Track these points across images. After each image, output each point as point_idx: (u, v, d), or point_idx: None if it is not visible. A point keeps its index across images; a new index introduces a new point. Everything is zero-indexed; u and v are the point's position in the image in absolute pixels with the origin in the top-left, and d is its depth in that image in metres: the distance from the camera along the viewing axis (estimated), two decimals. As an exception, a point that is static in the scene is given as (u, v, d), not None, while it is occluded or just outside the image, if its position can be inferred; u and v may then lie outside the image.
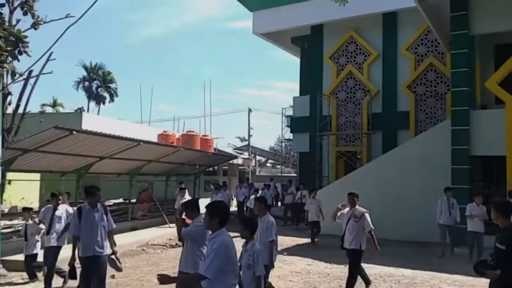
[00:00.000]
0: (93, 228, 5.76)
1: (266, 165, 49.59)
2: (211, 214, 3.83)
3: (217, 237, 3.74)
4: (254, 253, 4.41)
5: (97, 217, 5.84)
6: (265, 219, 6.16)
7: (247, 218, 5.25)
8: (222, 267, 3.58)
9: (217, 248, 3.61)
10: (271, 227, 6.09)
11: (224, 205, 4.09)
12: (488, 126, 11.90)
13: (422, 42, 16.92)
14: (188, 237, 5.26)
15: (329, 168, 18.15)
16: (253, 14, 20.06)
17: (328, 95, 18.52)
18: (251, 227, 4.64)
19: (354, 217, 7.01)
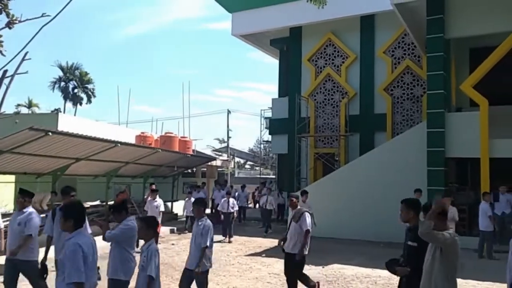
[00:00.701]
0: None
1: (245, 166, 49.59)
2: (64, 216, 3.71)
3: (71, 238, 3.62)
4: (148, 252, 4.31)
5: None
6: (201, 223, 5.74)
7: (147, 217, 5.03)
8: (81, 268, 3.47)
9: (72, 251, 3.50)
10: (207, 232, 5.67)
11: (80, 206, 3.90)
12: (463, 129, 12.16)
13: (399, 45, 17.19)
14: (112, 240, 4.99)
15: (307, 169, 18.25)
16: (232, 16, 20.03)
17: (307, 97, 18.63)
18: (153, 228, 4.57)
19: (294, 218, 6.68)
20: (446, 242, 3.76)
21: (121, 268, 4.85)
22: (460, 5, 12.39)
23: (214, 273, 9.08)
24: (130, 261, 4.93)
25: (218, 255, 10.87)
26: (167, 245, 12.26)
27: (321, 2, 8.89)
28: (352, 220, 12.96)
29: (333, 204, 13.27)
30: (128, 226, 4.94)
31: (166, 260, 10.13)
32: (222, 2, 19.93)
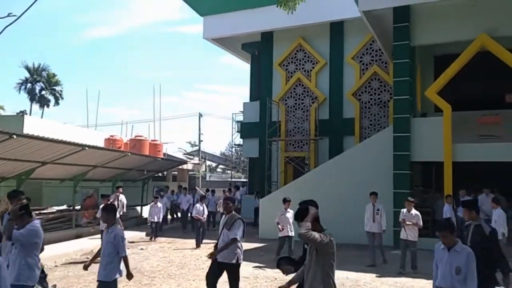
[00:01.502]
0: None
1: (216, 170, 49.47)
2: None
3: None
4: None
5: None
6: (111, 231, 5.24)
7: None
8: None
9: None
10: (118, 242, 5.16)
11: None
12: (427, 133, 12.55)
13: (367, 51, 17.59)
14: (19, 241, 4.58)
15: (278, 173, 18.40)
16: (204, 19, 20.03)
17: (278, 101, 18.81)
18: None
19: (227, 225, 6.08)
20: (322, 243, 3.93)
21: (27, 274, 4.55)
22: (425, 14, 12.81)
23: (183, 277, 9.06)
24: (35, 267, 4.63)
25: (187, 260, 10.84)
26: (136, 250, 12.11)
27: (291, 8, 9.09)
28: (323, 223, 13.12)
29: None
30: (34, 228, 4.63)
31: (134, 265, 10.02)
32: (193, 6, 19.91)
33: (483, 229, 5.18)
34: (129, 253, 11.62)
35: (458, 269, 4.16)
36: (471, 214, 5.40)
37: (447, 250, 4.31)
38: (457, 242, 4.29)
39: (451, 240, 4.28)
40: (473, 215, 5.38)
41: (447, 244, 4.29)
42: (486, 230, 5.16)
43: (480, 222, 5.31)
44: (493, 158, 11.91)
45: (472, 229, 5.29)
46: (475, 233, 5.23)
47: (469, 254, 4.19)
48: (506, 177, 13.29)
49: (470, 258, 4.17)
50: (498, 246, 5.17)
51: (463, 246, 4.30)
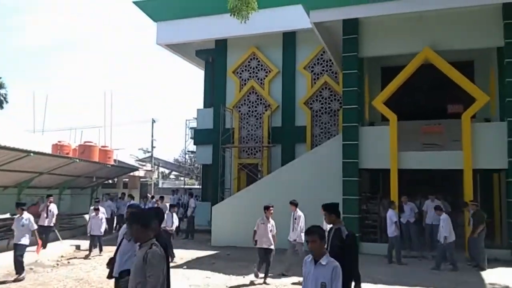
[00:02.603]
0: None
1: (169, 177, 48.82)
2: None
3: None
4: None
5: None
6: None
7: None
8: None
9: None
10: None
11: None
12: (374, 142, 13.01)
13: (318, 61, 18.05)
14: None
15: (231, 179, 18.44)
16: (157, 25, 19.81)
17: (231, 108, 18.89)
18: None
19: (128, 235, 5.22)
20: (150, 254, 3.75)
21: None
22: (373, 27, 13.34)
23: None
24: None
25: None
26: (83, 260, 11.74)
27: (244, 17, 9.20)
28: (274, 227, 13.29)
29: (256, 213, 13.46)
30: None
31: (81, 276, 9.72)
32: (147, 11, 19.66)
33: (342, 233, 5.09)
34: (76, 263, 11.30)
35: (323, 286, 3.84)
36: (331, 217, 5.27)
37: (314, 263, 3.96)
38: (325, 254, 3.98)
39: (320, 247, 3.94)
40: (333, 218, 5.26)
41: (314, 250, 3.93)
42: (343, 234, 5.07)
43: (340, 226, 5.19)
44: (436, 165, 12.54)
45: (332, 233, 5.20)
46: (334, 237, 5.16)
47: (335, 268, 3.87)
48: (450, 184, 14.05)
49: (336, 273, 3.85)
50: (350, 252, 5.04)
51: (329, 259, 3.95)
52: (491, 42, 12.65)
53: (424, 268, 10.70)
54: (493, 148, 11.96)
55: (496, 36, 12.17)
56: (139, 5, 19.38)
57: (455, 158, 12.18)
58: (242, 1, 8.35)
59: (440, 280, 9.42)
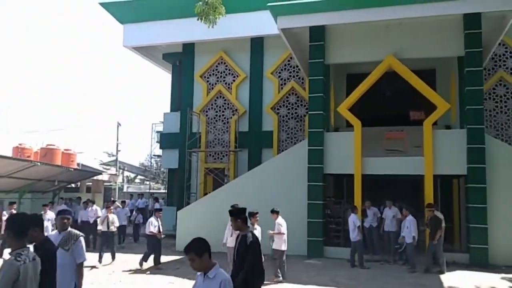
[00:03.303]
0: None
1: (135, 181, 47.97)
2: None
3: None
4: None
5: None
6: None
7: None
8: None
9: None
10: None
11: None
12: (339, 147, 13.18)
13: (285, 67, 18.16)
14: None
15: (197, 184, 18.27)
16: (124, 27, 19.46)
17: (198, 112, 18.74)
18: None
19: (64, 244, 4.86)
20: None
21: None
22: (339, 35, 13.54)
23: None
24: None
25: (99, 275, 10.33)
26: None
27: (211, 22, 9.18)
28: (239, 234, 13.27)
29: (222, 218, 13.37)
30: None
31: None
32: (113, 13, 19.27)
33: (247, 240, 4.99)
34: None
35: None
36: (237, 224, 5.09)
37: (203, 276, 3.59)
38: (213, 266, 3.56)
39: (201, 264, 3.51)
40: (239, 225, 5.10)
41: (196, 269, 3.55)
42: (248, 241, 4.98)
43: (246, 233, 5.03)
44: (398, 171, 12.81)
45: (239, 240, 5.11)
46: (240, 244, 5.07)
47: (223, 281, 3.50)
48: (412, 189, 14.35)
49: (224, 286, 3.50)
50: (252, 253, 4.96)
51: (218, 271, 3.54)
52: (452, 52, 13.08)
53: (385, 272, 10.88)
54: (453, 155, 12.32)
55: (457, 46, 12.58)
56: (106, 7, 18.98)
57: (417, 164, 12.48)
58: (210, 6, 8.33)
59: (401, 284, 9.60)
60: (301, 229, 12.67)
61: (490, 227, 11.65)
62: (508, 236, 11.67)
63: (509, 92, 15.76)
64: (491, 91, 15.81)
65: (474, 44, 12.24)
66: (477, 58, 12.31)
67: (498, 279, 10.11)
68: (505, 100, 15.76)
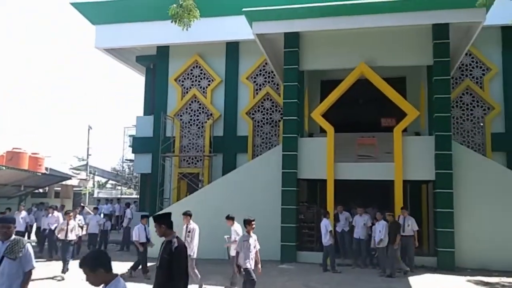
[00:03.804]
0: None
1: (106, 186, 47.11)
2: None
3: None
4: None
5: None
6: None
7: None
8: None
9: None
10: None
11: None
12: (313, 152, 13.36)
13: (260, 72, 18.27)
14: None
15: (171, 189, 18.12)
16: (96, 28, 19.18)
17: (172, 116, 18.62)
18: None
19: (11, 252, 4.68)
20: None
21: None
22: (313, 42, 13.76)
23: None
24: None
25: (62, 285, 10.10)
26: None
27: (186, 24, 9.16)
28: (212, 238, 13.20)
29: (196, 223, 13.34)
30: None
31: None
32: (85, 13, 18.97)
33: (172, 245, 4.81)
34: None
35: None
36: (161, 229, 4.93)
37: None
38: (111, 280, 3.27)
39: (96, 279, 3.24)
40: (163, 230, 4.93)
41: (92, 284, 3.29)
42: (173, 247, 4.80)
43: (171, 238, 4.85)
44: (370, 176, 13.07)
45: (163, 246, 4.93)
46: (164, 250, 4.88)
47: None
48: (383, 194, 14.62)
49: None
50: (177, 263, 4.78)
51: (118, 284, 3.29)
52: (421, 60, 13.49)
53: (357, 276, 11.05)
54: (422, 161, 12.66)
55: (426, 55, 12.98)
56: (77, 7, 18.68)
57: (387, 170, 12.77)
58: (184, 9, 8.32)
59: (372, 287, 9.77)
60: (274, 234, 12.74)
61: (457, 231, 12.02)
62: (473, 240, 12.07)
63: (475, 101, 16.34)
64: (458, 99, 16.36)
65: (442, 53, 12.66)
66: (445, 67, 12.73)
67: (464, 282, 10.44)
68: (471, 108, 16.33)
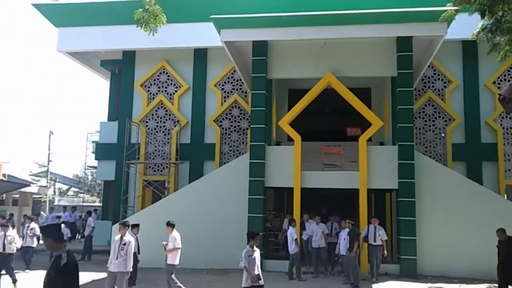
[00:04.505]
0: None
1: (68, 193, 45.73)
2: None
3: None
4: None
5: None
6: None
7: None
8: None
9: None
10: None
11: None
12: (280, 161, 13.39)
13: (228, 80, 18.22)
14: None
15: (135, 197, 17.73)
16: (59, 31, 18.61)
17: (138, 122, 18.28)
18: None
19: None
20: None
21: None
22: (281, 50, 13.84)
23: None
24: None
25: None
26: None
27: (152, 30, 9.02)
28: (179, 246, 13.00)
29: (160, 232, 13.05)
30: None
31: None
32: (48, 15, 18.40)
33: (61, 261, 4.37)
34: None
35: None
36: (47, 243, 4.47)
37: None
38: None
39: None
40: (49, 244, 4.46)
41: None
42: (62, 262, 4.36)
43: (61, 253, 4.40)
44: (335, 185, 13.21)
45: (52, 261, 4.47)
46: (51, 267, 4.41)
47: None
48: (348, 202, 14.80)
49: None
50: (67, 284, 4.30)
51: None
52: (386, 72, 13.80)
53: (322, 283, 11.10)
54: (386, 170, 12.91)
55: (391, 67, 13.30)
56: (39, 8, 18.11)
57: (352, 178, 12.95)
58: (150, 14, 8.19)
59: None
60: (241, 243, 12.61)
61: (419, 239, 12.29)
62: (435, 248, 12.37)
63: (437, 112, 16.85)
64: (421, 110, 16.84)
65: (406, 65, 13.01)
66: (408, 79, 13.08)
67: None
68: (433, 119, 16.84)
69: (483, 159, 16.25)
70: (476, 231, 12.26)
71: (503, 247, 9.33)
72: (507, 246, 9.22)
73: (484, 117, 16.50)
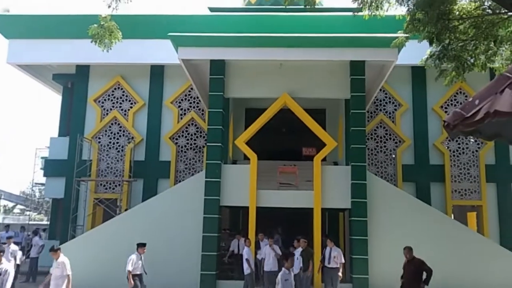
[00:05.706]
0: None
1: (13, 211, 43.48)
2: None
3: None
4: None
5: None
6: None
7: None
8: None
9: None
10: None
11: None
12: (236, 179, 13.30)
13: (185, 97, 18.11)
14: None
15: (85, 216, 17.08)
16: (10, 42, 17.91)
17: (90, 138, 17.74)
18: None
19: None
20: None
21: None
22: (238, 70, 13.91)
23: None
24: None
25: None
26: None
27: (107, 46, 8.88)
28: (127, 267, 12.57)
29: (112, 252, 12.62)
30: None
31: None
32: (-3, 26, 17.71)
33: None
34: None
35: None
36: None
37: None
38: None
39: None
40: None
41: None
42: None
43: None
44: (290, 204, 13.27)
45: None
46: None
47: None
48: (303, 221, 14.90)
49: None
50: None
51: None
52: (340, 94, 14.16)
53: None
54: (339, 189, 13.12)
55: (344, 89, 13.65)
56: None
57: (307, 198, 13.07)
58: (105, 29, 8.06)
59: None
60: (195, 263, 12.42)
61: (371, 258, 12.49)
62: (386, 267, 12.60)
63: (388, 134, 17.46)
64: (373, 132, 17.39)
65: (358, 88, 13.41)
66: (361, 101, 13.48)
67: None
68: (384, 141, 17.42)
69: (432, 180, 16.93)
70: (424, 249, 12.58)
71: (408, 266, 9.03)
72: (412, 265, 8.95)
73: (432, 140, 17.25)
